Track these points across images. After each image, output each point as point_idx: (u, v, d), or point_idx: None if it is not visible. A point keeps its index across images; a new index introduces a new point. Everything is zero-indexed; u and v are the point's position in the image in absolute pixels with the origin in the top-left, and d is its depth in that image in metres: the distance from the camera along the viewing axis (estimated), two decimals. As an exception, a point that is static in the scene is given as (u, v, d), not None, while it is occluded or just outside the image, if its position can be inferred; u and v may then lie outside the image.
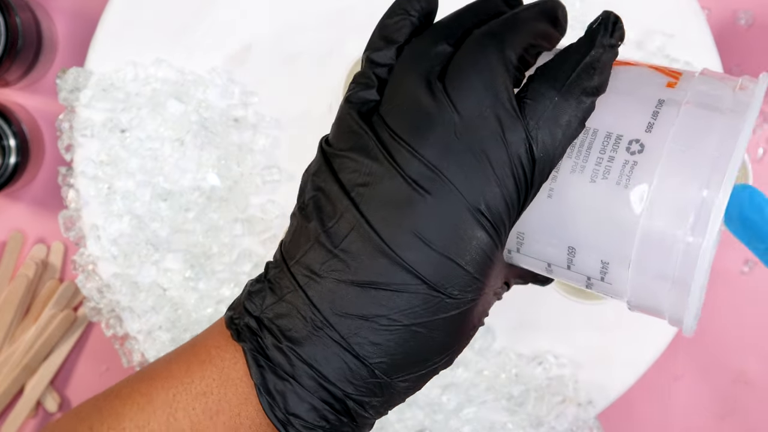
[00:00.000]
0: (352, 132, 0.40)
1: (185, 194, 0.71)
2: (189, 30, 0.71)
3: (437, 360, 0.40)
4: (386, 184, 0.39)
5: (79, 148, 0.71)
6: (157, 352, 0.71)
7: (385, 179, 0.39)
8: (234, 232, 0.71)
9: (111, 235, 0.71)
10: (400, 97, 0.39)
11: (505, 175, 0.37)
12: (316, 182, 0.41)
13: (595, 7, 0.71)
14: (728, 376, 0.77)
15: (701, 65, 0.71)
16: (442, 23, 0.41)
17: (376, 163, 0.39)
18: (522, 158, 0.37)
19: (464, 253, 0.38)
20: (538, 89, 0.38)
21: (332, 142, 0.41)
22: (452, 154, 0.38)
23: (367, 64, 0.41)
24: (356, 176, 0.39)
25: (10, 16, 0.69)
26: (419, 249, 0.38)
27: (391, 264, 0.38)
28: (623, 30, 0.40)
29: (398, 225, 0.38)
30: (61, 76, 0.71)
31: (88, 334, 0.77)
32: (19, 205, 0.77)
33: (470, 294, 0.39)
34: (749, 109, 0.36)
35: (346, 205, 0.39)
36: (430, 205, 0.38)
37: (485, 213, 0.38)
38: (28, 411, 0.76)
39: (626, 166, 0.37)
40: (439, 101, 0.38)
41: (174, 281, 0.71)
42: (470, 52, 0.39)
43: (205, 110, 0.71)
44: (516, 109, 0.37)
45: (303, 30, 0.71)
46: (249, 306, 0.41)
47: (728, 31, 0.76)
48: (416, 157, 0.38)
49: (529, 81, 0.38)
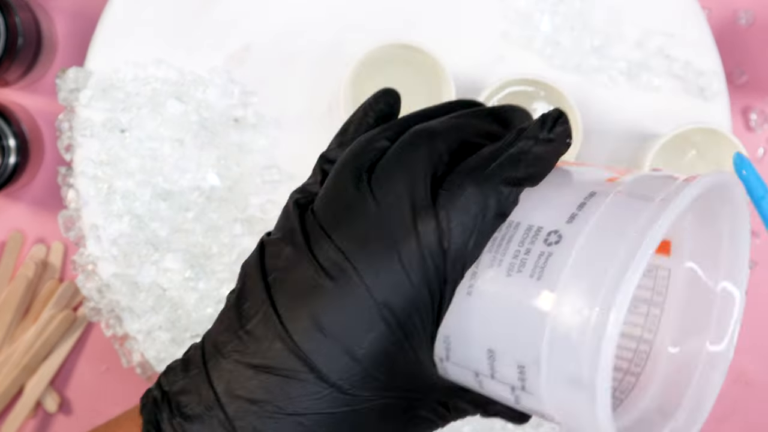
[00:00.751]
0: (286, 220, 0.40)
1: (185, 194, 0.71)
2: (189, 30, 0.71)
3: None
4: (298, 271, 0.38)
5: (78, 148, 0.71)
6: (157, 352, 0.71)
7: (299, 265, 0.38)
8: (234, 232, 0.71)
9: (111, 235, 0.71)
10: (329, 188, 0.39)
11: (413, 267, 0.35)
12: (245, 267, 0.40)
13: (595, 7, 0.71)
14: (728, 376, 0.77)
15: (701, 65, 0.71)
16: (390, 122, 0.40)
17: (294, 249, 0.38)
18: (432, 250, 0.35)
19: (360, 346, 0.36)
20: (454, 180, 0.36)
21: (272, 230, 0.41)
22: (366, 245, 0.36)
23: (319, 159, 0.42)
24: (276, 261, 0.39)
25: (10, 15, 0.69)
26: (314, 337, 0.36)
27: (285, 349, 0.37)
28: (567, 127, 0.38)
29: (299, 311, 0.37)
30: (60, 76, 0.71)
31: (87, 334, 0.77)
32: (19, 205, 0.77)
33: (365, 392, 0.37)
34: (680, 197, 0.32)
35: (260, 288, 0.38)
36: (334, 293, 0.36)
37: (390, 306, 0.36)
38: (27, 411, 0.76)
39: (541, 257, 0.34)
40: (362, 192, 0.37)
41: (174, 281, 0.71)
42: (399, 145, 0.38)
43: (205, 110, 0.71)
44: (428, 199, 0.36)
45: (303, 30, 0.71)
46: (162, 380, 0.41)
47: (728, 31, 0.76)
48: (331, 245, 0.37)
49: (448, 173, 0.37)
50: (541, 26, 0.71)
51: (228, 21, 0.71)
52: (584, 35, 0.71)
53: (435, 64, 0.66)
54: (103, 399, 0.78)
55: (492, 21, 0.71)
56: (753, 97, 0.76)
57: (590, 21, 0.71)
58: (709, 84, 0.70)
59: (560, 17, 0.70)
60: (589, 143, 0.71)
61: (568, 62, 0.71)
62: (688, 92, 0.71)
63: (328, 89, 0.72)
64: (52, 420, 0.78)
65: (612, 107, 0.72)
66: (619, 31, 0.71)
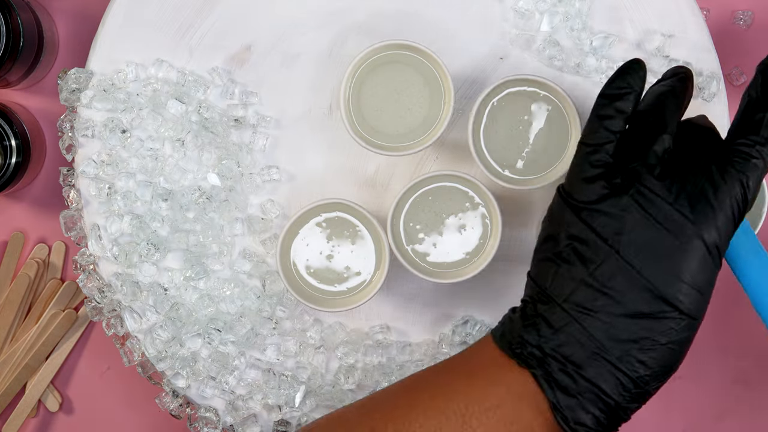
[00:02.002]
0: (601, 188, 0.51)
1: (186, 194, 0.71)
2: (189, 30, 0.72)
3: (676, 369, 0.51)
4: (641, 232, 0.50)
5: (80, 148, 0.71)
6: (158, 351, 0.71)
7: (639, 227, 0.50)
8: (234, 231, 0.71)
9: (112, 235, 0.71)
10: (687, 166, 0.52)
11: (731, 214, 0.50)
12: (570, 231, 0.51)
13: (594, 7, 0.71)
14: (728, 376, 0.77)
15: (700, 66, 0.71)
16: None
17: (629, 213, 0.50)
18: (740, 202, 0.50)
19: (707, 285, 0.50)
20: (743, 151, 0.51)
21: (577, 195, 0.52)
22: (697, 207, 0.49)
23: (603, 130, 0.53)
24: (611, 225, 0.50)
25: (12, 16, 0.69)
26: (672, 283, 0.49)
27: (654, 297, 0.49)
28: None
29: (655, 265, 0.49)
30: (62, 77, 0.71)
31: (89, 333, 0.78)
32: (21, 205, 0.77)
33: (703, 315, 0.50)
34: None
35: (606, 251, 0.50)
36: (680, 247, 0.49)
37: (717, 247, 0.49)
38: (29, 410, 0.76)
39: None
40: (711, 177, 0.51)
41: (174, 281, 0.71)
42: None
43: (205, 110, 0.71)
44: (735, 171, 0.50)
45: (303, 30, 0.72)
46: (527, 337, 0.52)
47: (727, 32, 0.76)
48: (673, 210, 0.49)
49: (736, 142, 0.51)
50: (541, 26, 0.71)
51: (228, 21, 0.72)
52: (584, 35, 0.71)
53: (435, 64, 0.66)
54: (105, 398, 0.78)
55: (492, 21, 0.71)
56: (752, 98, 0.77)
57: (590, 21, 0.71)
58: (707, 85, 0.71)
59: (560, 17, 0.70)
60: (588, 143, 0.72)
61: (568, 62, 0.71)
62: (688, 92, 0.72)
63: (328, 89, 0.72)
64: (54, 419, 0.78)
65: (611, 107, 0.72)
66: (618, 32, 0.71)
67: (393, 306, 0.72)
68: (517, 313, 0.54)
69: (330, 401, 0.72)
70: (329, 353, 0.72)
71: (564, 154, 0.66)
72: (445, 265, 0.67)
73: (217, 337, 0.71)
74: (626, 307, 0.50)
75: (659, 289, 0.49)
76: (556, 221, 0.53)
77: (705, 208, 0.49)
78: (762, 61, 0.53)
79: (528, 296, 0.54)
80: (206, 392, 0.72)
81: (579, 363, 0.50)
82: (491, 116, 0.66)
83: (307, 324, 0.72)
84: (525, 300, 0.54)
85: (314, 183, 0.72)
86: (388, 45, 0.66)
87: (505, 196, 0.70)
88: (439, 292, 0.72)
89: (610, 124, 0.53)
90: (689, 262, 0.49)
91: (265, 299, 0.71)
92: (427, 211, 0.67)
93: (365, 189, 0.72)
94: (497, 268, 0.71)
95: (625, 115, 0.53)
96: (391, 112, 0.67)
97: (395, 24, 0.71)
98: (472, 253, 0.67)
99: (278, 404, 0.71)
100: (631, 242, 0.50)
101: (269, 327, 0.71)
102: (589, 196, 0.51)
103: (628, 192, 0.50)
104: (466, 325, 0.72)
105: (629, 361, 0.50)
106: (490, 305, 0.72)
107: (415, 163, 0.72)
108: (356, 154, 0.72)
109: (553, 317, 0.51)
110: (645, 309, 0.49)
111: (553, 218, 0.53)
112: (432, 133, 0.66)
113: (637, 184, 0.50)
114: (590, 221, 0.51)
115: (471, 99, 0.71)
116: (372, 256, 0.67)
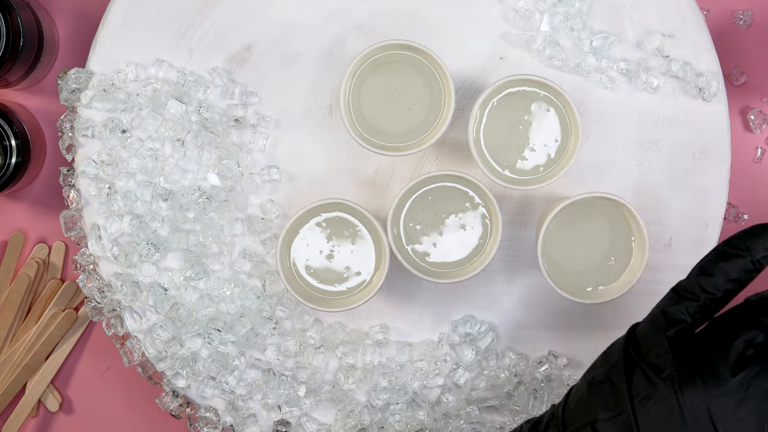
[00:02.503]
0: (659, 349, 0.48)
1: (185, 194, 0.71)
2: (189, 30, 0.72)
3: None
4: (662, 405, 0.47)
5: (80, 148, 0.71)
6: (158, 351, 0.71)
7: (664, 401, 0.47)
8: (234, 231, 0.71)
9: (112, 235, 0.71)
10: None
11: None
12: (610, 373, 0.50)
13: (594, 7, 0.71)
14: (728, 375, 0.77)
15: (700, 65, 0.71)
16: None
17: (665, 386, 0.47)
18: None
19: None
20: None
21: (642, 344, 0.49)
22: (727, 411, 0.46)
23: (698, 288, 0.48)
24: (643, 387, 0.48)
25: (12, 16, 0.69)
26: None
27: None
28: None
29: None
30: (62, 77, 0.71)
31: (89, 333, 0.78)
32: (21, 205, 0.77)
33: None
34: None
35: (626, 406, 0.48)
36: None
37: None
38: (29, 410, 0.76)
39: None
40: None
41: (174, 281, 0.71)
42: None
43: (205, 110, 0.71)
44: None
45: (303, 30, 0.72)
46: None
47: (727, 32, 0.76)
48: (702, 401, 0.46)
49: None
50: (541, 26, 0.71)
51: (228, 21, 0.72)
52: (584, 35, 0.71)
53: (435, 64, 0.66)
54: (104, 398, 0.78)
55: (492, 21, 0.71)
56: (751, 98, 0.77)
57: (590, 21, 0.71)
58: (707, 84, 0.71)
59: (560, 17, 0.70)
60: (588, 143, 0.72)
61: (568, 62, 0.71)
62: (687, 93, 0.72)
63: (328, 89, 0.72)
64: (54, 419, 0.78)
65: (612, 107, 0.72)
66: (618, 32, 0.71)
67: (393, 306, 0.72)
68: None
69: (330, 401, 0.72)
70: (329, 353, 0.72)
71: (564, 154, 0.66)
72: (445, 265, 0.67)
73: (217, 337, 0.71)
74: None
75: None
76: (612, 351, 0.52)
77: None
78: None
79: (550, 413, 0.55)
80: (206, 392, 0.72)
81: None
82: (491, 116, 0.66)
83: (307, 324, 0.72)
84: (549, 414, 0.55)
85: (314, 183, 0.72)
86: (388, 45, 0.66)
87: (505, 196, 0.70)
88: (439, 292, 0.72)
89: (705, 283, 0.49)
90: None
91: (265, 299, 0.71)
92: (427, 211, 0.67)
93: (365, 189, 0.72)
94: (497, 268, 0.71)
95: (726, 278, 0.48)
96: (391, 112, 0.67)
97: (395, 24, 0.71)
98: (472, 253, 0.67)
99: (278, 404, 0.71)
100: (651, 411, 0.48)
101: (269, 327, 0.71)
102: (651, 353, 0.49)
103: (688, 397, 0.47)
104: (466, 325, 0.72)
105: None
106: (490, 305, 0.72)
107: (415, 163, 0.72)
108: (356, 154, 0.72)
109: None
110: None
111: (613, 348, 0.53)
112: (432, 133, 0.66)
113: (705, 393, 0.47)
114: (632, 372, 0.49)
115: (471, 99, 0.71)
116: (372, 256, 0.67)
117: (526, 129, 0.67)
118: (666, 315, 0.49)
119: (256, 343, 0.72)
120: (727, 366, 0.46)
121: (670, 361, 0.48)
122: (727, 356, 0.47)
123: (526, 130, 0.67)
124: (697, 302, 0.48)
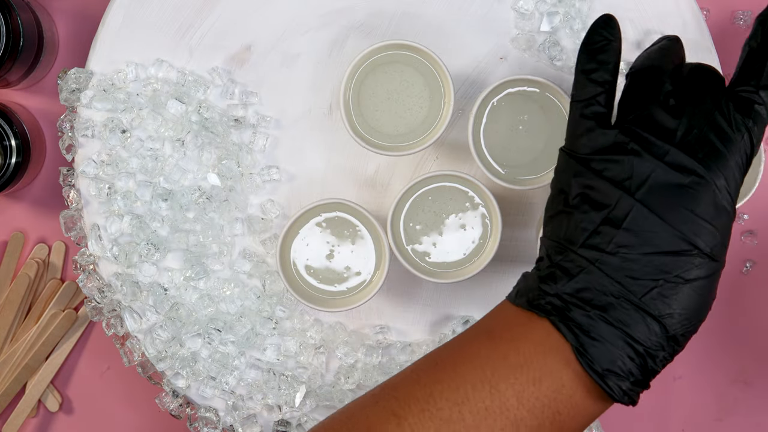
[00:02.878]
0: (602, 138, 0.51)
1: (185, 194, 0.71)
2: (189, 30, 0.72)
3: (703, 317, 0.50)
4: (652, 175, 0.49)
5: (80, 148, 0.71)
6: (158, 351, 0.71)
7: (649, 170, 0.49)
8: (234, 231, 0.71)
9: (112, 235, 0.71)
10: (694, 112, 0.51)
11: (739, 164, 0.50)
12: (580, 182, 0.51)
13: (594, 7, 0.71)
14: (728, 376, 0.77)
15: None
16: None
17: (637, 158, 0.49)
18: (747, 150, 0.50)
19: (719, 223, 0.49)
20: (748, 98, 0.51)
21: (580, 149, 0.51)
22: (710, 152, 0.49)
23: (590, 83, 0.53)
24: (620, 170, 0.49)
25: (12, 16, 0.69)
26: (691, 221, 0.48)
27: (671, 236, 0.48)
28: None
29: (672, 206, 0.49)
30: (62, 77, 0.71)
31: (89, 333, 0.78)
32: (21, 205, 0.77)
33: (722, 259, 0.50)
34: None
35: (618, 194, 0.49)
36: (693, 190, 0.49)
37: (729, 191, 0.49)
38: (29, 410, 0.76)
39: None
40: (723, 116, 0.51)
41: (174, 281, 0.71)
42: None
43: (205, 110, 0.71)
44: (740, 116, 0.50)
45: (303, 30, 0.72)
46: (545, 288, 0.50)
47: (727, 32, 0.76)
48: (685, 156, 0.49)
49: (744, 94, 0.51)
50: (541, 27, 0.71)
51: (228, 21, 0.72)
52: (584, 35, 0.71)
53: (435, 64, 0.66)
54: (105, 398, 0.78)
55: (492, 21, 0.71)
56: (752, 98, 0.76)
57: (590, 21, 0.71)
58: (708, 84, 0.71)
59: (560, 18, 0.70)
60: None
61: (568, 62, 0.71)
62: (688, 92, 0.72)
63: (328, 89, 0.72)
64: (54, 419, 0.78)
65: (611, 107, 0.72)
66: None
67: (393, 306, 0.72)
68: (531, 272, 0.53)
69: (330, 401, 0.72)
70: (329, 353, 0.72)
71: (564, 154, 0.66)
72: (445, 265, 0.67)
73: (217, 337, 0.71)
74: (643, 246, 0.49)
75: (676, 228, 0.48)
76: (564, 178, 0.52)
77: (714, 153, 0.49)
78: (761, 12, 0.53)
79: (542, 255, 0.53)
80: (206, 392, 0.72)
81: (601, 306, 0.49)
82: (491, 116, 0.66)
83: (307, 324, 0.72)
84: (539, 258, 0.53)
85: (314, 183, 0.72)
86: (388, 45, 0.66)
87: (505, 196, 0.70)
88: (439, 292, 0.72)
89: (596, 77, 0.52)
90: (704, 205, 0.49)
91: (265, 299, 0.71)
92: (427, 211, 0.67)
93: (365, 189, 0.72)
94: (497, 268, 0.71)
95: (608, 66, 0.53)
96: (391, 112, 0.67)
97: (395, 24, 0.71)
98: (472, 253, 0.67)
99: (278, 404, 0.71)
100: (643, 184, 0.49)
101: (269, 327, 0.71)
102: (592, 147, 0.51)
103: (634, 138, 0.50)
104: (466, 325, 0.72)
105: (652, 300, 0.48)
106: (490, 305, 0.72)
107: (415, 163, 0.72)
108: (356, 154, 0.72)
109: (569, 264, 0.50)
110: (664, 247, 0.48)
111: (560, 176, 0.53)
112: (432, 133, 0.66)
113: (641, 131, 0.50)
114: (599, 169, 0.50)
115: (471, 99, 0.71)
116: (372, 256, 0.67)
117: (526, 129, 0.67)
118: (584, 116, 0.52)
119: (256, 343, 0.72)
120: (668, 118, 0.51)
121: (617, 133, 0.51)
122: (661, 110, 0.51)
123: (526, 130, 0.67)
124: (600, 94, 0.52)
